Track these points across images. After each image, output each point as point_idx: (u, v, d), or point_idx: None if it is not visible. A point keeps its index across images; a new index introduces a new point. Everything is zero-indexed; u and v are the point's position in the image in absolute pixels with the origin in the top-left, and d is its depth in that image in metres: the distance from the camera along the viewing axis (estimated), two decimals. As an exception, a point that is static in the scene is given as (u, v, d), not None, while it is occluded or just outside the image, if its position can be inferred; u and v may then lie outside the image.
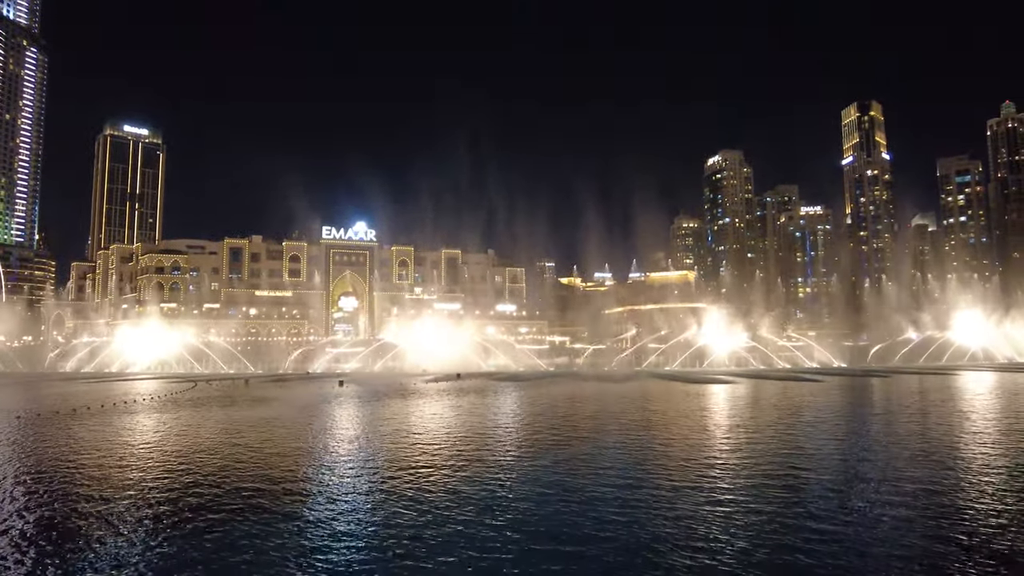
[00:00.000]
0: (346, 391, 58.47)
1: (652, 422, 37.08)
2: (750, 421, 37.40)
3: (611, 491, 19.48)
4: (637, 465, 23.73)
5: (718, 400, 50.56)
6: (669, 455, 25.80)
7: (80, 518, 17.09)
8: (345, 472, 23.63)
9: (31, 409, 43.89)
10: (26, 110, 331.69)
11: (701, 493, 19.02)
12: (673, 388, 63.77)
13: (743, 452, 26.20)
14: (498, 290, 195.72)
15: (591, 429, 34.47)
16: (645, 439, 30.37)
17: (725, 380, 74.12)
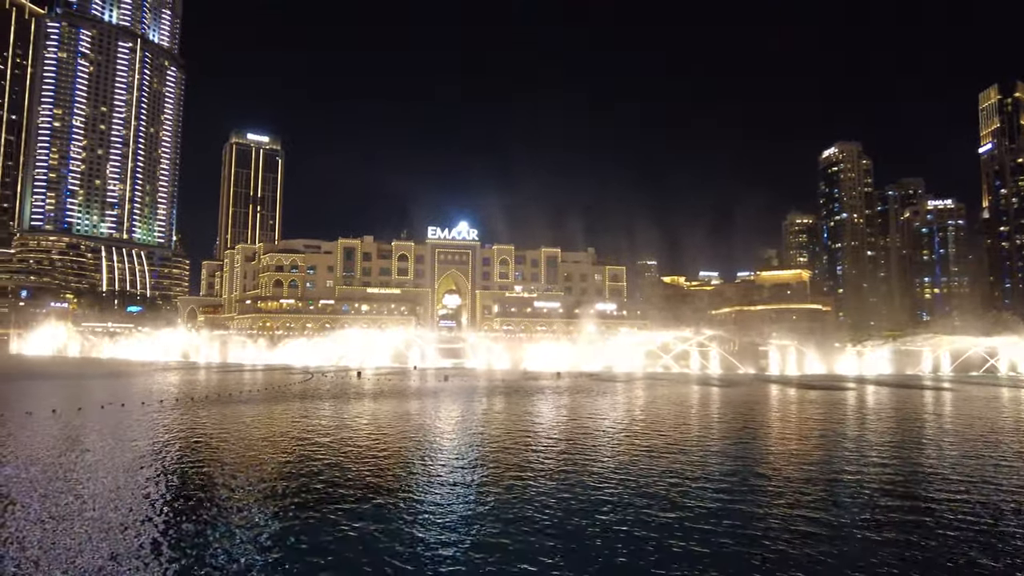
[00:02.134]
0: (449, 386, 59.98)
1: (766, 428, 35.54)
2: (868, 431, 35.05)
3: (707, 502, 18.89)
4: (741, 472, 22.84)
5: (843, 407, 47.72)
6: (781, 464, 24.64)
7: (215, 502, 18.62)
8: (451, 465, 24.27)
9: (168, 395, 48.26)
10: (166, 124, 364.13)
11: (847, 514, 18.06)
12: (793, 394, 60.75)
13: (860, 465, 24.63)
14: (598, 288, 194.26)
15: (698, 434, 33.53)
16: (757, 447, 29.16)
17: (844, 386, 69.78)
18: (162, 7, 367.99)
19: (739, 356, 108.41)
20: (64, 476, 20.58)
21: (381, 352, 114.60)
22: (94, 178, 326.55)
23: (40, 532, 14.88)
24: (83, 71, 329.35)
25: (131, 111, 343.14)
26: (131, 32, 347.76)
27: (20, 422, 32.19)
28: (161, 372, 77.67)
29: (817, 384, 72.13)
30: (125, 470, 21.74)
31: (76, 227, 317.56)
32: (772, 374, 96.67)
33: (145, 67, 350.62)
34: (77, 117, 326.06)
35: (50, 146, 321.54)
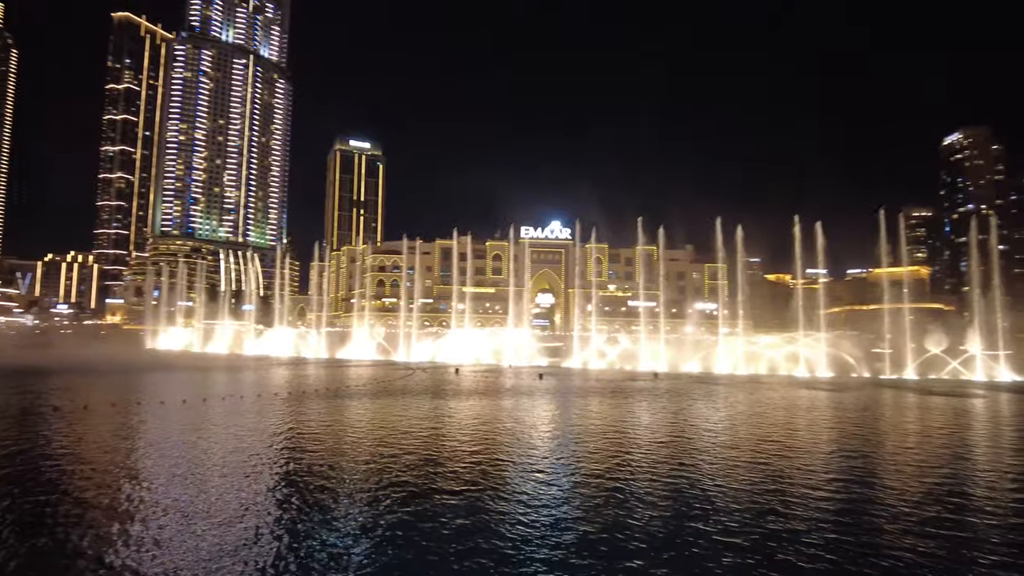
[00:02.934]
0: (544, 384, 60.14)
1: (880, 437, 33.32)
2: (997, 442, 32.02)
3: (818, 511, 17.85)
4: (849, 482, 21.48)
5: (970, 416, 43.96)
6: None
7: (314, 488, 19.60)
8: (548, 463, 24.32)
9: (280, 388, 51.28)
10: (276, 134, 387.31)
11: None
12: (913, 400, 56.63)
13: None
14: (697, 287, 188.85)
15: (803, 440, 31.90)
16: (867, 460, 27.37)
17: (972, 392, 64.17)
18: (272, 24, 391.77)
19: (852, 358, 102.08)
20: (189, 458, 22.38)
21: (477, 349, 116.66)
22: (213, 186, 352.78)
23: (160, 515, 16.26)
24: (204, 88, 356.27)
25: (245, 123, 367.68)
26: (245, 49, 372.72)
27: (154, 410, 35.32)
28: (274, 367, 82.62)
29: (939, 390, 66.78)
30: (236, 453, 23.33)
31: (198, 232, 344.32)
32: (889, 377, 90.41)
33: (257, 81, 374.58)
34: (199, 130, 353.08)
35: (176, 158, 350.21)
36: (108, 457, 22.76)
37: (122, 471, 20.50)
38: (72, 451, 23.59)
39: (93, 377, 56.79)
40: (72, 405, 35.98)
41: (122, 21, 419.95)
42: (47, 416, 31.78)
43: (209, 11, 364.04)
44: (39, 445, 24.41)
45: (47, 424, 29.38)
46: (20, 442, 24.85)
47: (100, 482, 18.99)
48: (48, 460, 21.72)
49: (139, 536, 14.22)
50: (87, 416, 32.31)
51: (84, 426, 29.26)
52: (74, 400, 38.51)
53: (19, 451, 23.12)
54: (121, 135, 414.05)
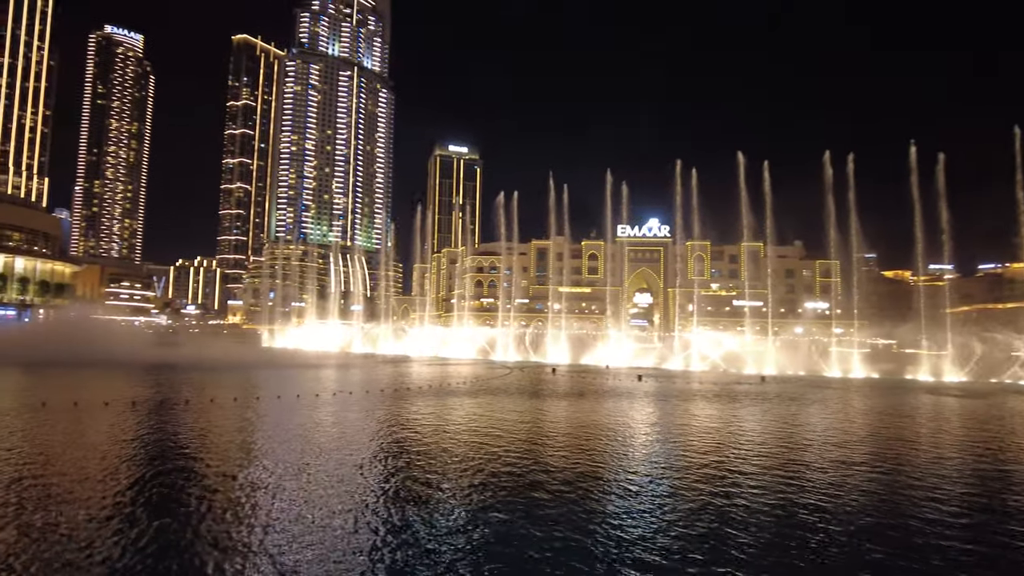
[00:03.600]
0: (643, 386, 58.96)
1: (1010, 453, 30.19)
2: None
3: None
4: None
5: None
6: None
7: (415, 483, 20.04)
8: (650, 467, 23.76)
9: (387, 385, 53.19)
10: (379, 141, 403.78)
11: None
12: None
13: None
14: (807, 285, 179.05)
15: (923, 454, 29.41)
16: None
17: None
18: (374, 36, 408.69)
19: (983, 362, 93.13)
20: (304, 449, 23.62)
21: (573, 349, 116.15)
22: (323, 193, 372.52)
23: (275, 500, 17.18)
24: (313, 100, 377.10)
25: (350, 132, 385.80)
26: (350, 62, 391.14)
27: (272, 404, 37.67)
28: (380, 364, 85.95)
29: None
30: (347, 445, 24.34)
31: (310, 236, 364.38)
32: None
33: (361, 92, 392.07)
34: (308, 141, 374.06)
35: (289, 168, 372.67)
36: (230, 446, 24.47)
37: (242, 459, 21.95)
38: (199, 440, 25.56)
39: (217, 373, 61.29)
40: (201, 398, 39.02)
41: (240, 43, 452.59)
42: (180, 408, 34.60)
43: (317, 27, 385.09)
44: (171, 435, 26.62)
45: (180, 415, 32.01)
46: (157, 431, 27.22)
47: (222, 470, 20.42)
48: (179, 448, 23.62)
49: (254, 519, 15.14)
50: (213, 408, 34.92)
51: (210, 417, 31.66)
52: (202, 394, 41.73)
53: (156, 439, 25.33)
54: (240, 148, 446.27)
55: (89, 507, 15.76)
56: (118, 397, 37.73)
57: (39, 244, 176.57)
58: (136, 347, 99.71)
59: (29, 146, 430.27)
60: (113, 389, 42.73)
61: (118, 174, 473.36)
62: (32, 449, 22.63)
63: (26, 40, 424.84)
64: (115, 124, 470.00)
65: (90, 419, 29.99)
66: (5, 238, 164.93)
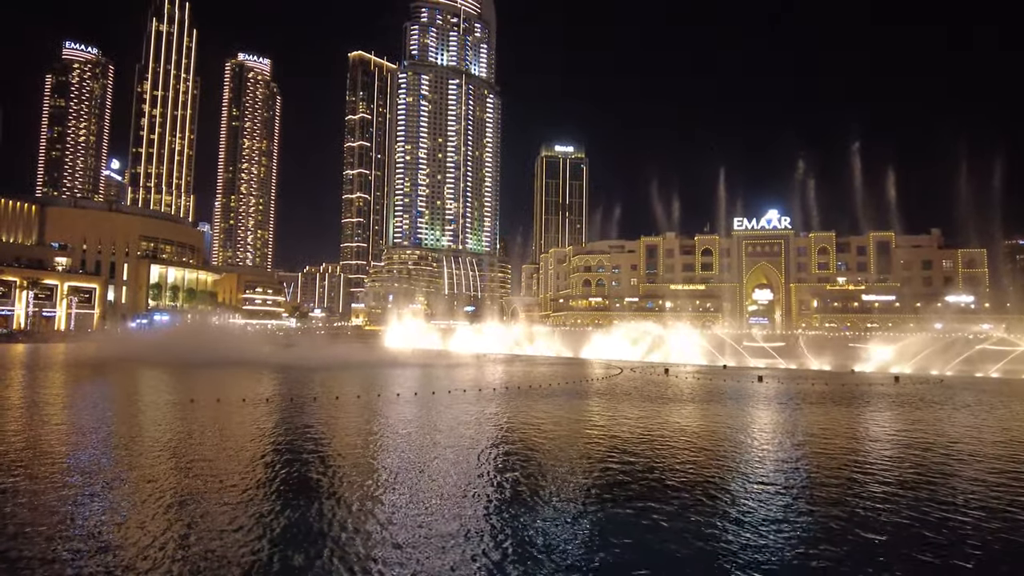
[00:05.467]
0: (762, 388, 56.51)
1: None
2: None
3: None
4: None
5: None
6: None
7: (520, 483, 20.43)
8: (775, 477, 22.95)
9: (499, 384, 54.33)
10: (488, 147, 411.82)
11: None
12: None
13: None
14: (946, 277, 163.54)
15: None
16: None
17: None
18: (480, 43, 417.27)
19: None
20: (422, 444, 24.82)
21: (690, 349, 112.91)
22: (435, 199, 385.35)
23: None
24: (424, 110, 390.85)
25: (460, 139, 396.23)
26: (458, 70, 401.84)
27: (391, 401, 39.76)
28: (490, 363, 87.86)
29: None
30: (461, 440, 25.28)
31: (424, 242, 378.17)
32: None
33: (469, 99, 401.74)
34: (421, 149, 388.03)
35: (404, 176, 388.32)
36: (355, 440, 26.22)
37: (363, 452, 23.47)
38: (327, 434, 27.57)
39: (342, 372, 65.20)
40: (327, 395, 41.88)
41: (356, 59, 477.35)
42: (309, 404, 37.36)
43: (426, 39, 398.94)
44: (303, 427, 28.87)
45: (310, 410, 34.60)
46: (289, 424, 29.64)
47: (346, 461, 21.96)
48: (309, 440, 25.61)
49: (371, 507, 16.24)
50: (338, 405, 37.40)
51: (337, 412, 34.00)
52: (328, 391, 44.74)
53: (288, 430, 27.62)
54: (358, 159, 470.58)
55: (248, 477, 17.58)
56: (253, 394, 41.34)
57: (187, 256, 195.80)
58: (263, 348, 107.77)
59: (178, 168, 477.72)
60: (246, 387, 46.81)
61: (251, 189, 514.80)
62: (214, 437, 25.41)
63: (174, 73, 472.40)
64: (247, 143, 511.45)
65: (236, 413, 33.17)
66: (160, 251, 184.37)
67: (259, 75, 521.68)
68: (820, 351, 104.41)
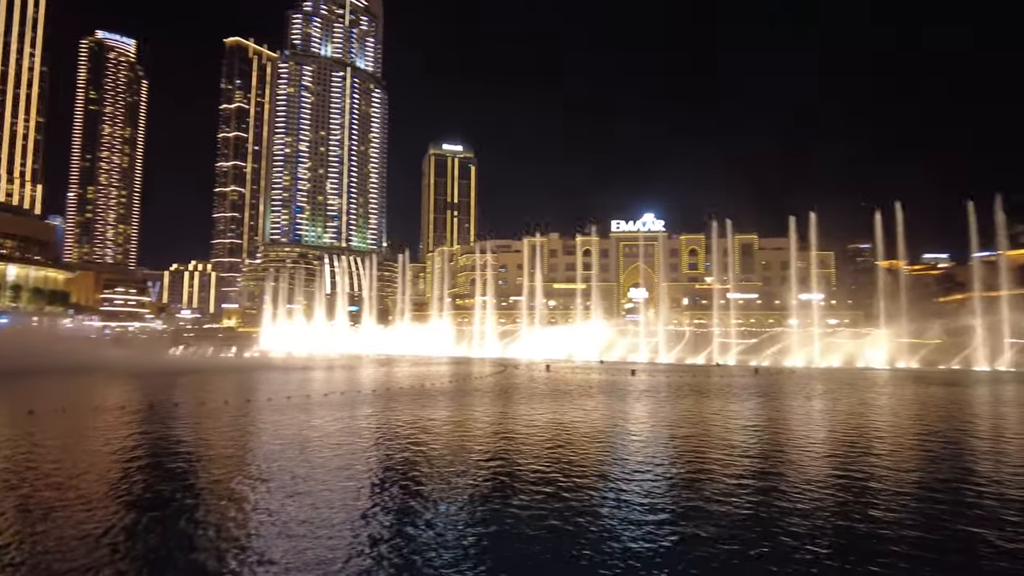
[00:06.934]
0: (637, 381, 59.05)
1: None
2: None
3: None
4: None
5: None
6: None
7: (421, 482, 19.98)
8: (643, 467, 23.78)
9: (377, 385, 53.10)
10: (374, 142, 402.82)
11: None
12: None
13: None
14: (801, 277, 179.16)
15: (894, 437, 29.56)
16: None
17: None
18: (367, 36, 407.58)
19: (943, 351, 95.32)
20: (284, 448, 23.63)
21: (566, 346, 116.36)
22: (317, 195, 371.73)
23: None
24: (306, 102, 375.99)
25: (344, 133, 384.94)
26: (343, 62, 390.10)
27: (240, 408, 37.69)
28: (367, 365, 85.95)
29: None
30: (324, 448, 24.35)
31: (304, 238, 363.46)
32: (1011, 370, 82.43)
33: (355, 92, 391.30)
34: (302, 143, 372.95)
35: (283, 170, 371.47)
36: (206, 451, 24.53)
37: (216, 460, 21.99)
38: (184, 440, 25.60)
39: (208, 376, 61.20)
40: (191, 401, 39.08)
41: (232, 46, 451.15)
42: (168, 411, 34.65)
43: (309, 28, 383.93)
44: (152, 436, 26.66)
45: (166, 419, 32.06)
46: (144, 432, 27.23)
47: (202, 475, 20.46)
48: (168, 445, 23.68)
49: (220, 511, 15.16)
50: (206, 413, 34.97)
51: (205, 421, 31.75)
52: (192, 397, 41.76)
53: (144, 440, 25.38)
54: (234, 151, 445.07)
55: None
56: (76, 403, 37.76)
57: (32, 251, 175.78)
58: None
59: (21, 153, 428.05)
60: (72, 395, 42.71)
61: (111, 180, 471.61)
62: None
63: (17, 47, 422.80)
64: (108, 130, 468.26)
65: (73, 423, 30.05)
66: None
67: (122, 56, 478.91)
68: (693, 346, 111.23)
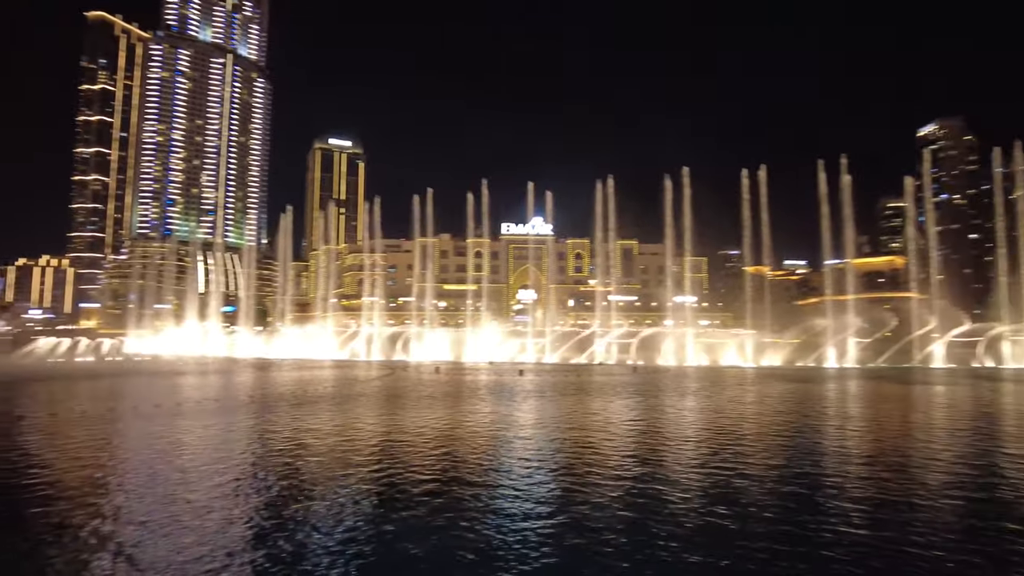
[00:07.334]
0: (525, 381, 60.25)
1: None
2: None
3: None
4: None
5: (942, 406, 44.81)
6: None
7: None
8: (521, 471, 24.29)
9: (250, 393, 50.92)
10: (255, 133, 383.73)
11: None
12: (893, 390, 57.67)
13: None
14: (676, 281, 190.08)
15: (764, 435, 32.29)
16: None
17: (939, 381, 65.49)
18: (250, 23, 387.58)
19: (801, 349, 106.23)
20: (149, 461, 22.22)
21: (456, 347, 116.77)
22: (191, 187, 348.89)
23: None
24: (181, 88, 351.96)
25: (223, 123, 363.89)
26: (223, 48, 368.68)
27: (103, 417, 35.02)
28: (245, 369, 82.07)
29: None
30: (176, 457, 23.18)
31: (176, 233, 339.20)
32: (880, 366, 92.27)
33: (236, 80, 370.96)
34: (176, 131, 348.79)
35: (154, 159, 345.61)
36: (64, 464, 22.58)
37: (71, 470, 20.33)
38: (22, 460, 23.37)
39: (64, 384, 56.16)
40: (39, 413, 35.65)
41: (96, 21, 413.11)
42: (7, 425, 31.45)
43: (186, 10, 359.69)
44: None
45: (5, 435, 29.11)
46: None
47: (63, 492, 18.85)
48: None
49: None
50: (50, 423, 32.02)
51: (45, 434, 29.06)
52: (41, 408, 38.11)
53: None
54: (96, 136, 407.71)
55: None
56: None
57: None
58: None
59: None
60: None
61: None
62: None
63: None
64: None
65: None
66: None
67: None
68: (578, 346, 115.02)
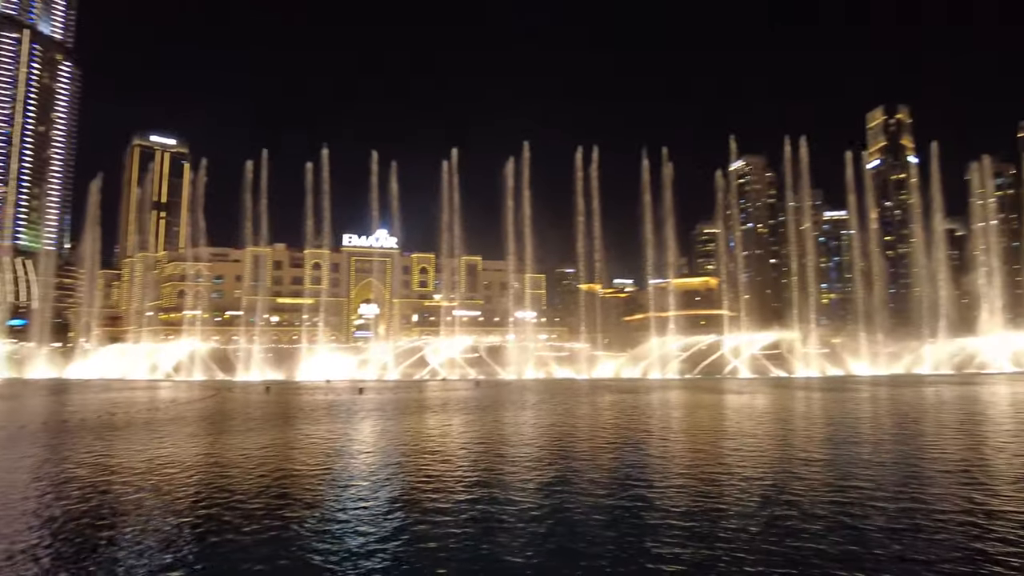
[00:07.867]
0: (367, 399, 58.55)
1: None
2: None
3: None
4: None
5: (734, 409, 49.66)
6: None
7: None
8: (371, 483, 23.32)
9: (47, 418, 44.55)
10: (59, 122, 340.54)
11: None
12: (702, 399, 62.91)
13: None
14: (518, 296, 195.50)
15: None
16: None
17: (740, 390, 73.08)
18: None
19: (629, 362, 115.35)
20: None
21: (294, 365, 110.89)
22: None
23: None
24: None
25: (17, 108, 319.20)
26: (17, 21, 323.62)
27: None
28: (45, 392, 71.95)
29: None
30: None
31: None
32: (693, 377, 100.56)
33: (34, 60, 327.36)
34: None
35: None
36: None
37: None
38: None
39: None
40: None
41: None
42: None
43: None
44: None
45: None
46: None
47: None
48: None
49: None
50: None
51: None
52: None
53: None
54: None
55: None
56: None
57: None
58: None
59: None
60: None
61: None
62: None
63: None
64: None
65: None
66: None
67: None
68: (421, 361, 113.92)
